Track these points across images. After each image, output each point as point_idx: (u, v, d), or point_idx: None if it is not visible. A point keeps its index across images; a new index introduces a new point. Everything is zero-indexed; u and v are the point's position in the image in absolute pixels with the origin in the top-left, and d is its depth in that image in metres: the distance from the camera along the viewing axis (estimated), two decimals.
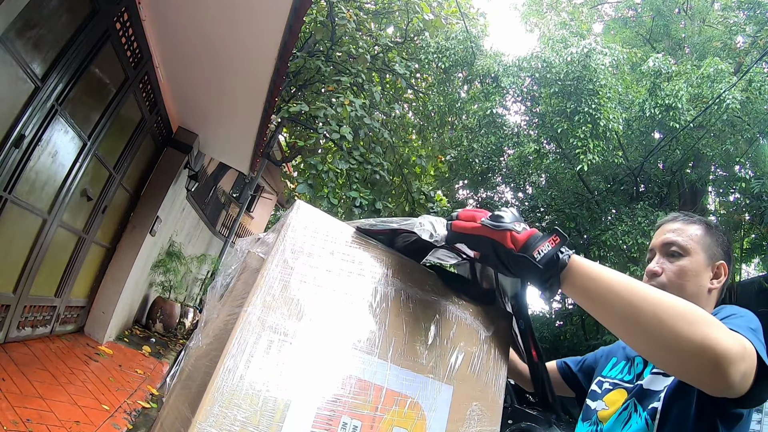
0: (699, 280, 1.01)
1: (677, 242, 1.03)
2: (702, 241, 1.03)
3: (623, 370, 1.11)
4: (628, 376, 1.07)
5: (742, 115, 7.94)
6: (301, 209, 0.73)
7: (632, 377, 1.06)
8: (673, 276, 1.01)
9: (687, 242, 1.03)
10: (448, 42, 8.92)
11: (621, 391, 1.04)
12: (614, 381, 1.10)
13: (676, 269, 1.01)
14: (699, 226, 1.06)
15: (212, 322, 0.82)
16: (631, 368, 1.09)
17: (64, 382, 3.29)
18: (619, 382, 1.08)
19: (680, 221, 1.08)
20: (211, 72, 4.04)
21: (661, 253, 1.06)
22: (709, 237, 1.04)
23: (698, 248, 1.02)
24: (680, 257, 1.02)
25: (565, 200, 9.76)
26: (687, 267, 1.01)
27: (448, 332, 0.80)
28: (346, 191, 7.18)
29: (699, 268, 1.01)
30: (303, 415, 0.63)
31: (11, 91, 2.57)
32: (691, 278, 1.00)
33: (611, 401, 1.04)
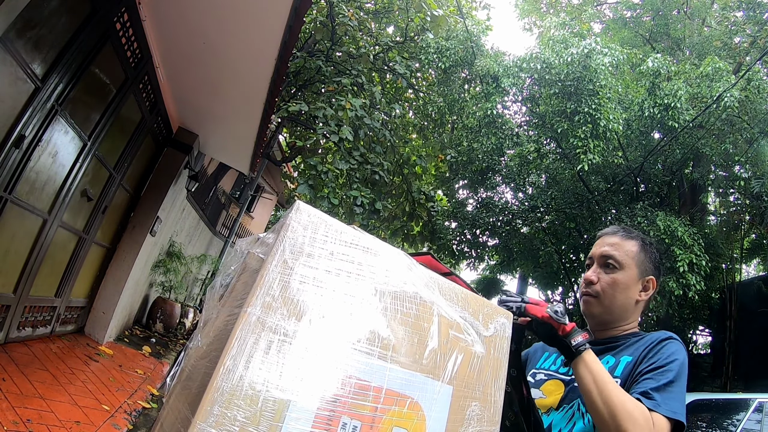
0: (629, 292, 1.15)
1: (614, 256, 1.16)
2: (636, 257, 1.17)
3: (556, 362, 1.22)
4: (563, 369, 1.18)
5: (741, 115, 7.93)
6: (301, 209, 0.73)
7: (567, 370, 1.16)
8: (607, 286, 1.15)
9: (623, 257, 1.16)
10: (448, 42, 8.91)
11: (557, 382, 1.16)
12: (548, 372, 1.21)
13: (610, 281, 1.15)
14: (635, 242, 1.19)
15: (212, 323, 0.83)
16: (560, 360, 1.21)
17: (65, 383, 3.29)
18: (553, 373, 1.20)
19: (619, 236, 1.20)
20: (211, 72, 4.04)
21: (599, 264, 1.19)
22: (643, 254, 1.18)
23: (632, 264, 1.16)
24: (615, 270, 1.16)
25: (565, 200, 9.75)
26: (620, 280, 1.15)
27: (447, 332, 0.80)
28: (347, 191, 7.18)
29: (630, 282, 1.15)
30: (303, 416, 0.63)
31: (11, 91, 2.57)
32: (622, 290, 1.15)
33: (548, 391, 1.16)
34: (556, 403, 1.12)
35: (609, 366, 1.08)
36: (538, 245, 10.46)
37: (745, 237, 10.36)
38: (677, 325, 9.10)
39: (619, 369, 1.07)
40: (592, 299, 1.17)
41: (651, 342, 1.07)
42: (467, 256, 11.68)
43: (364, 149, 7.67)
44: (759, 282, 9.03)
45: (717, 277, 8.99)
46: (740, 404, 4.55)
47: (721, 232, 9.92)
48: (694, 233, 7.46)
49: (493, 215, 10.45)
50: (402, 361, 0.73)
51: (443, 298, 0.82)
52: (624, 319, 1.17)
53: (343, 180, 7.46)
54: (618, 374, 1.06)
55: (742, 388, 7.29)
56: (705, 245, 7.59)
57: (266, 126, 4.78)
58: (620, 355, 1.10)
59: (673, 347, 1.05)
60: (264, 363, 0.63)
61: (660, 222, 7.35)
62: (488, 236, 11.16)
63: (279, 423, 0.62)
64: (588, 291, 1.18)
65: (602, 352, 1.13)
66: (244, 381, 0.61)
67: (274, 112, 5.29)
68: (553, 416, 1.11)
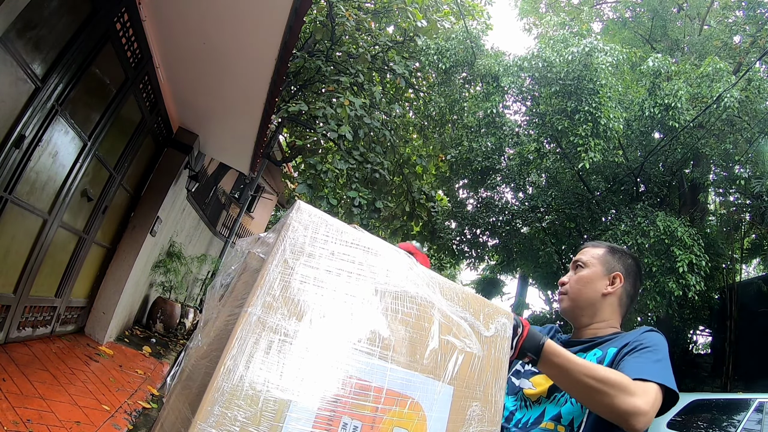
0: (594, 285, 1.26)
1: (580, 259, 1.31)
2: (601, 257, 1.29)
3: None
4: None
5: (741, 115, 7.93)
6: (302, 209, 0.73)
7: None
8: (574, 283, 1.29)
9: (587, 258, 1.30)
10: (448, 43, 8.91)
11: (545, 377, 1.18)
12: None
13: (576, 278, 1.29)
14: (602, 248, 1.32)
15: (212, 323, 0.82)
16: None
17: (65, 383, 3.29)
18: None
19: (588, 246, 1.35)
20: (211, 72, 4.04)
21: (572, 268, 1.34)
22: (610, 255, 1.30)
23: (596, 262, 1.28)
24: (581, 269, 1.29)
25: (565, 200, 9.74)
26: (584, 275, 1.28)
27: (448, 333, 0.80)
28: (346, 191, 7.18)
29: (594, 276, 1.27)
30: (303, 416, 0.63)
31: (12, 91, 2.57)
32: (586, 284, 1.26)
33: (537, 383, 1.21)
34: (545, 392, 1.18)
35: (597, 357, 1.13)
36: (538, 245, 10.45)
37: (745, 237, 10.37)
38: (677, 326, 9.10)
39: (606, 360, 1.11)
40: (563, 297, 1.31)
41: (634, 334, 1.15)
42: (467, 255, 11.68)
43: (364, 149, 7.67)
44: (759, 282, 9.04)
45: (717, 278, 8.99)
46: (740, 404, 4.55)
47: (721, 232, 9.93)
48: (694, 233, 7.46)
49: (493, 215, 10.45)
50: (403, 361, 0.73)
51: (444, 298, 0.82)
52: (595, 313, 1.25)
53: (343, 180, 7.46)
54: (606, 365, 1.09)
55: (742, 388, 7.29)
56: (705, 245, 7.58)
57: (266, 126, 4.78)
58: (606, 348, 1.15)
59: (655, 337, 1.11)
60: (264, 363, 0.63)
61: (660, 222, 7.35)
62: (488, 236, 11.16)
63: (280, 423, 0.61)
64: (561, 290, 1.32)
65: (588, 348, 1.19)
66: (244, 381, 0.61)
67: (274, 112, 5.29)
68: (544, 404, 1.17)
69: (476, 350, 0.83)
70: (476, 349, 0.83)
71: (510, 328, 0.93)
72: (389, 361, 0.72)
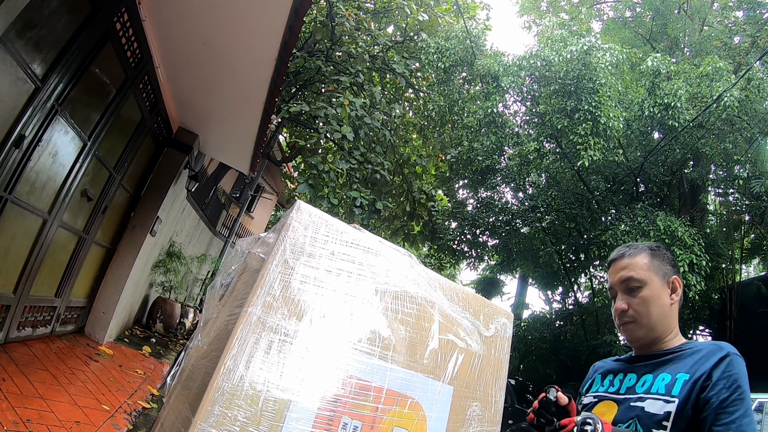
0: (660, 301, 1.14)
1: (632, 277, 1.15)
2: (651, 266, 1.16)
3: (605, 383, 1.20)
4: (612, 388, 1.16)
5: (741, 114, 7.94)
6: (302, 209, 0.73)
7: (618, 388, 1.14)
8: (639, 308, 1.14)
9: (640, 274, 1.15)
10: (448, 42, 8.91)
11: (608, 403, 1.12)
12: (598, 395, 1.18)
13: (639, 301, 1.14)
14: (645, 254, 1.18)
15: (212, 323, 0.82)
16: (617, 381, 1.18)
17: (65, 383, 3.29)
18: (604, 394, 1.17)
19: (627, 256, 1.20)
20: (211, 72, 4.03)
21: (621, 290, 1.18)
22: (657, 260, 1.17)
23: (651, 274, 1.15)
24: (639, 289, 1.15)
25: (565, 200, 9.75)
26: (648, 296, 1.14)
27: (448, 333, 0.80)
28: (347, 191, 7.18)
29: (658, 292, 1.14)
30: (303, 416, 0.63)
31: (11, 91, 2.57)
32: (654, 303, 1.13)
33: (600, 413, 1.11)
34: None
35: (666, 383, 1.04)
36: (538, 245, 10.46)
37: (745, 237, 10.37)
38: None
39: (676, 387, 1.02)
40: (631, 325, 1.16)
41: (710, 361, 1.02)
42: (467, 255, 11.68)
43: (365, 149, 7.67)
44: (759, 282, 9.03)
45: (717, 278, 8.99)
46: None
47: (721, 232, 9.93)
48: (694, 233, 7.46)
49: (493, 215, 10.46)
50: (403, 361, 0.73)
51: (444, 298, 0.82)
52: (666, 326, 1.15)
53: (344, 180, 7.46)
54: (676, 393, 1.01)
55: None
56: (705, 245, 7.59)
57: (266, 126, 4.78)
58: (677, 371, 1.05)
59: (734, 366, 1.01)
60: (265, 363, 0.63)
61: (660, 222, 7.36)
62: (488, 236, 11.16)
63: (280, 423, 0.61)
64: (625, 320, 1.16)
65: (655, 367, 1.10)
66: (244, 381, 0.61)
67: (274, 112, 5.29)
68: None
69: (476, 350, 0.83)
70: (476, 349, 0.83)
71: (510, 328, 0.92)
72: (389, 361, 0.72)
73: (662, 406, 1.01)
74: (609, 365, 1.26)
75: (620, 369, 1.20)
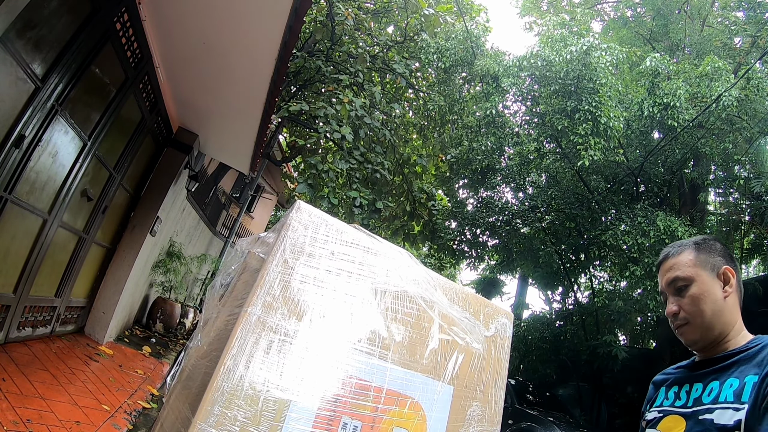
0: (712, 296, 1.06)
1: (678, 276, 1.09)
2: (697, 261, 1.09)
3: (671, 396, 1.12)
4: (679, 402, 1.08)
5: (740, 114, 7.94)
6: (302, 209, 0.73)
7: (685, 401, 1.06)
8: (690, 307, 1.07)
9: (686, 271, 1.09)
10: (448, 42, 8.91)
11: (676, 418, 1.04)
12: (663, 409, 1.10)
13: (689, 301, 1.07)
14: (689, 250, 1.12)
15: (212, 322, 0.82)
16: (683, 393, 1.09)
17: (65, 383, 3.29)
18: (670, 408, 1.09)
19: (672, 257, 1.14)
20: (211, 72, 4.03)
21: (671, 293, 1.12)
22: (703, 254, 1.10)
23: (698, 270, 1.08)
24: (687, 288, 1.08)
25: (565, 200, 9.75)
26: (697, 293, 1.06)
27: (448, 332, 0.80)
28: (347, 191, 7.18)
29: (707, 287, 1.06)
30: (303, 416, 0.63)
31: (11, 91, 2.57)
32: (705, 300, 1.05)
33: (667, 428, 1.04)
34: None
35: (734, 389, 0.95)
36: (538, 245, 10.46)
37: (745, 237, 10.37)
38: None
39: (746, 393, 0.93)
40: (685, 327, 1.09)
41: None
42: (467, 255, 11.68)
43: (365, 149, 7.67)
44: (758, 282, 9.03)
45: None
46: None
47: (720, 232, 9.93)
48: (695, 233, 7.46)
49: (493, 215, 10.46)
50: (403, 361, 0.73)
51: (444, 297, 0.82)
52: (725, 323, 1.07)
53: (343, 180, 7.46)
54: (745, 399, 0.92)
55: None
56: None
57: (266, 126, 4.78)
58: (744, 374, 0.96)
59: None
60: (264, 363, 0.63)
61: (660, 222, 7.36)
62: (488, 236, 11.16)
63: (280, 423, 0.61)
64: (678, 323, 1.10)
65: (722, 372, 1.01)
66: (244, 381, 0.61)
67: (274, 112, 5.29)
68: None
69: (476, 350, 0.83)
70: (476, 349, 0.83)
71: (510, 328, 0.93)
72: (389, 360, 0.72)
73: (732, 415, 0.92)
74: (672, 375, 1.17)
75: (685, 378, 1.12)
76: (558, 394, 10.25)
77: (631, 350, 9.11)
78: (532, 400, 8.20)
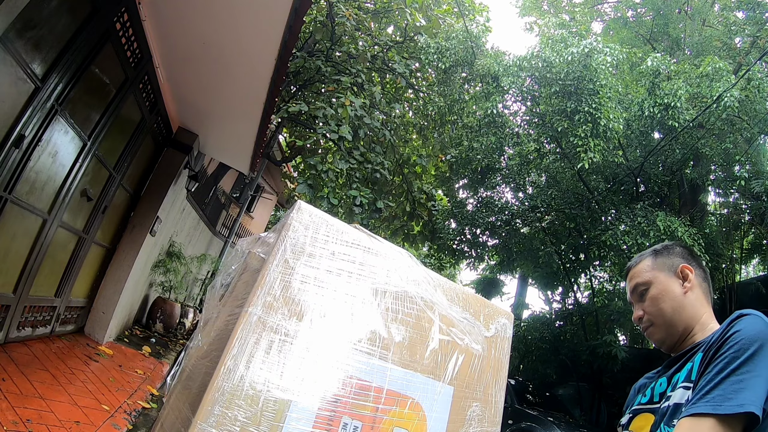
0: (670, 294, 1.10)
1: (638, 283, 1.15)
2: (654, 265, 1.15)
3: (639, 397, 1.14)
4: (645, 398, 1.10)
5: (741, 114, 7.94)
6: (302, 209, 0.73)
7: (650, 397, 1.07)
8: (651, 308, 1.12)
9: (644, 276, 1.15)
10: (448, 42, 8.91)
11: (645, 416, 1.06)
12: (633, 409, 1.12)
13: (649, 303, 1.12)
14: (647, 257, 1.18)
15: (212, 323, 0.82)
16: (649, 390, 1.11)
17: (64, 383, 3.29)
18: (639, 407, 1.10)
19: (633, 267, 1.20)
20: (211, 72, 4.03)
21: (635, 300, 1.17)
22: (661, 257, 1.16)
23: (655, 273, 1.14)
24: (646, 291, 1.13)
25: (565, 200, 9.74)
26: (655, 294, 1.11)
27: (448, 333, 0.80)
28: (347, 191, 7.18)
29: (664, 286, 1.11)
30: (304, 416, 0.63)
31: (11, 91, 2.57)
32: (663, 298, 1.10)
33: (637, 427, 1.06)
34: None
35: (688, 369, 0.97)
36: (537, 245, 10.46)
37: (745, 237, 10.37)
38: None
39: (694, 371, 0.94)
40: (650, 329, 1.13)
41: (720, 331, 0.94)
42: (467, 255, 11.67)
43: (364, 149, 7.67)
44: (758, 282, 9.04)
45: (717, 278, 8.99)
46: None
47: (720, 232, 9.93)
48: (694, 233, 7.46)
49: (493, 215, 10.45)
50: (403, 362, 0.73)
51: (444, 298, 0.82)
52: (694, 320, 1.08)
53: (343, 180, 7.46)
54: (694, 377, 0.93)
55: None
56: (705, 245, 7.59)
57: (266, 126, 4.78)
58: (695, 355, 0.98)
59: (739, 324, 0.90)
60: (265, 363, 0.63)
61: (660, 222, 7.36)
62: (488, 236, 11.16)
63: (280, 423, 0.61)
64: (644, 325, 1.14)
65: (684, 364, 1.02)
66: (245, 381, 0.61)
67: (274, 112, 5.29)
68: None
69: (476, 350, 0.83)
70: (476, 350, 0.83)
71: (510, 329, 0.93)
72: (389, 361, 0.72)
73: (682, 394, 0.93)
74: (646, 380, 1.20)
75: (654, 378, 1.14)
76: (558, 394, 10.25)
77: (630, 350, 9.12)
78: (532, 400, 8.21)
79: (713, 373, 0.85)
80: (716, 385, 0.83)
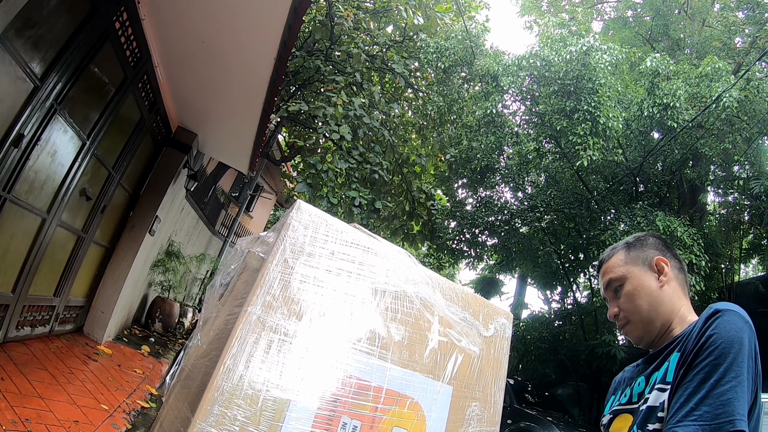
0: (646, 289, 1.06)
1: (611, 278, 1.11)
2: (628, 260, 1.11)
3: (618, 395, 1.12)
4: (624, 398, 1.08)
5: (740, 114, 7.95)
6: (302, 209, 0.73)
7: (629, 397, 1.05)
8: (627, 305, 1.08)
9: (617, 272, 1.10)
10: (448, 42, 8.91)
11: (624, 417, 1.04)
12: (614, 409, 1.10)
13: (624, 299, 1.08)
14: (620, 251, 1.14)
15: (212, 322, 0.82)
16: (628, 390, 1.09)
17: (63, 382, 3.29)
18: (619, 407, 1.08)
19: (605, 261, 1.16)
20: (210, 71, 4.03)
21: (610, 297, 1.13)
22: (633, 251, 1.12)
23: (629, 268, 1.09)
24: (621, 287, 1.09)
25: (564, 200, 9.75)
26: (630, 290, 1.07)
27: (447, 333, 0.80)
28: (346, 191, 7.18)
29: (639, 281, 1.07)
30: (303, 415, 0.63)
31: (10, 90, 2.56)
32: (639, 294, 1.06)
33: (617, 428, 1.04)
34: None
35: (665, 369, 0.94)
36: (537, 245, 10.46)
37: (744, 237, 10.38)
38: None
39: (670, 372, 0.91)
40: (628, 326, 1.10)
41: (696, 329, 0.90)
42: (466, 255, 11.68)
43: (364, 149, 7.67)
44: (757, 282, 9.05)
45: (716, 278, 9.00)
46: None
47: (720, 232, 9.94)
48: (694, 233, 7.47)
49: (492, 215, 10.46)
50: (402, 361, 0.73)
51: (444, 298, 0.82)
52: (672, 314, 1.05)
53: (343, 179, 7.46)
54: (670, 379, 0.91)
55: None
56: (704, 245, 7.60)
57: (265, 125, 4.78)
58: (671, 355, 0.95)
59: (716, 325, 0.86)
60: (264, 362, 0.63)
61: (659, 222, 7.36)
62: (487, 236, 11.16)
63: (279, 423, 0.61)
64: (620, 323, 1.11)
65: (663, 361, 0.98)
66: (244, 380, 0.61)
67: (273, 111, 5.29)
68: None
69: (475, 350, 0.83)
70: (475, 349, 0.83)
71: (509, 328, 0.93)
72: (389, 360, 0.72)
73: (658, 396, 0.91)
74: (626, 374, 1.17)
75: (633, 375, 1.11)
76: (557, 393, 10.26)
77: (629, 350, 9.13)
78: (531, 399, 8.21)
79: (695, 383, 0.82)
80: (702, 399, 0.80)
